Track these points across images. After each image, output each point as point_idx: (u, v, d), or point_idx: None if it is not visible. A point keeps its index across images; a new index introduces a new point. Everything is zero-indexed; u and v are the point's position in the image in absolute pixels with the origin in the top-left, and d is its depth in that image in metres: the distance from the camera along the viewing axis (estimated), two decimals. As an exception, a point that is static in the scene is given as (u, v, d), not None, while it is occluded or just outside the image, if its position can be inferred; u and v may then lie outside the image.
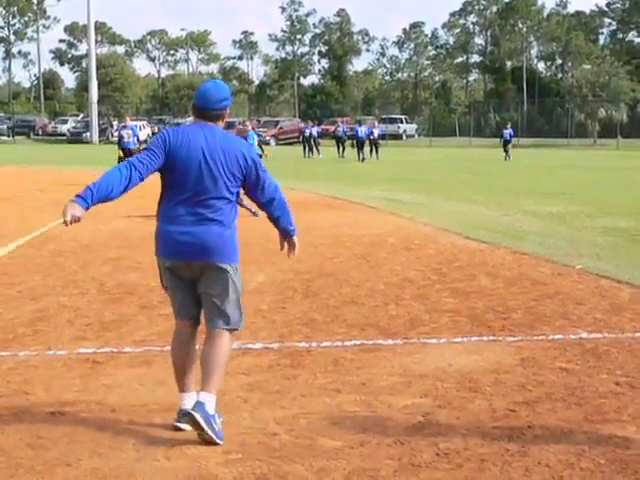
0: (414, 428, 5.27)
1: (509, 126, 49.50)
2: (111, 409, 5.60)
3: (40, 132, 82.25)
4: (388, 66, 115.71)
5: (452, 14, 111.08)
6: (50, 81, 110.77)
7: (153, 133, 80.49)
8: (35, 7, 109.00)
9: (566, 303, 8.94)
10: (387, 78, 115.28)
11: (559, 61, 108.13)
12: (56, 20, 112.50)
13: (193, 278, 5.26)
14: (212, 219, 5.15)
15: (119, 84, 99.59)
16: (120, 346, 7.22)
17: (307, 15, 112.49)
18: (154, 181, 5.38)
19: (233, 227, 5.26)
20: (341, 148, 47.82)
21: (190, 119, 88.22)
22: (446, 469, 4.66)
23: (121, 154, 25.89)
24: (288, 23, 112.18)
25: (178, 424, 5.17)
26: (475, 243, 13.28)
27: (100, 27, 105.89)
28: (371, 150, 45.46)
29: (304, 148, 50.61)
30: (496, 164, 41.46)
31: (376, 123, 51.97)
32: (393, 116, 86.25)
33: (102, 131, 75.77)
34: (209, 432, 4.95)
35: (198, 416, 4.94)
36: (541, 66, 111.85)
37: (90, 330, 7.80)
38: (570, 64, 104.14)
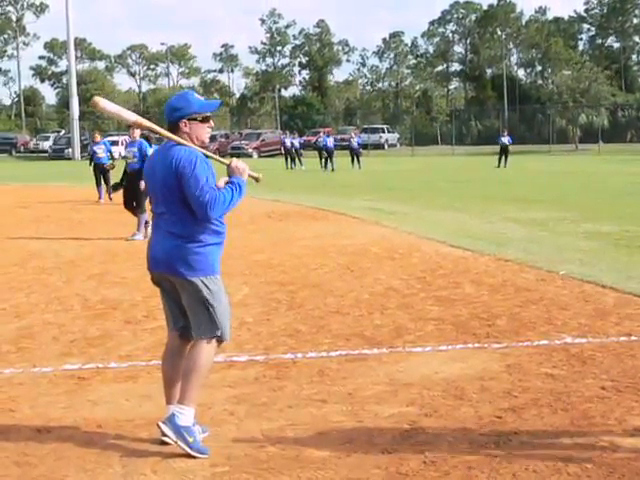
0: (401, 437, 5.28)
1: (506, 133, 48.69)
2: (97, 425, 5.58)
3: (22, 149, 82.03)
4: (369, 76, 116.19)
5: (431, 23, 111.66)
6: (31, 98, 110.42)
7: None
8: (14, 24, 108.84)
9: (550, 309, 8.96)
10: (368, 88, 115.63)
11: (539, 67, 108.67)
12: (36, 37, 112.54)
13: (175, 289, 5.26)
14: (171, 232, 5.14)
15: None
16: (105, 361, 7.20)
17: (287, 27, 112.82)
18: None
19: (197, 240, 5.14)
20: (323, 160, 47.69)
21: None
22: (433, 477, 4.66)
23: (96, 170, 25.95)
24: (268, 35, 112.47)
25: (163, 438, 5.15)
26: (459, 251, 13.30)
27: (80, 43, 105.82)
28: (352, 160, 45.48)
29: (286, 159, 50.54)
30: (478, 172, 41.55)
31: (353, 134, 51.70)
32: (375, 126, 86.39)
33: (84, 147, 75.51)
34: (180, 444, 4.97)
35: (166, 428, 5.01)
36: (521, 73, 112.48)
37: (75, 346, 7.77)
38: (550, 70, 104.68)
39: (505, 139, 46.95)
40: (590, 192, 26.48)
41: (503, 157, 45.70)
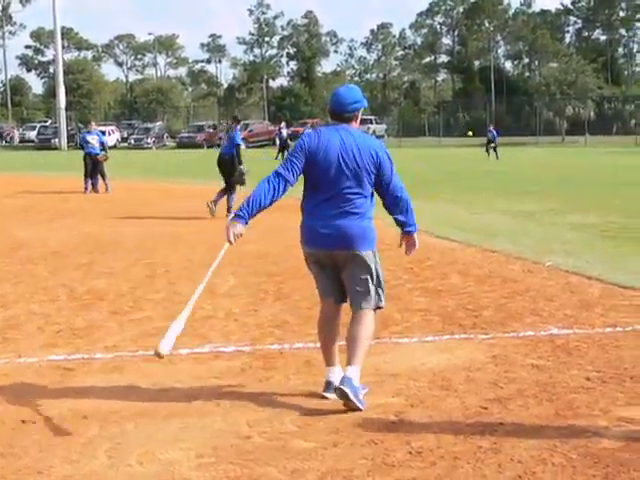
0: (387, 427, 5.28)
1: (492, 127, 49.07)
2: (83, 416, 5.56)
3: (8, 139, 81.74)
4: (357, 67, 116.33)
5: (419, 14, 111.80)
6: (17, 87, 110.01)
7: (123, 138, 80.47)
8: (0, 13, 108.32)
9: (536, 300, 8.98)
10: (356, 79, 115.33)
11: (526, 60, 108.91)
12: (22, 26, 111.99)
13: (336, 264, 5.76)
14: (351, 212, 5.66)
15: (87, 90, 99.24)
16: (91, 352, 7.17)
17: (275, 17, 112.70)
18: (119, 186, 5.36)
19: (370, 218, 5.77)
20: None
21: (159, 124, 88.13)
22: (419, 467, 4.67)
23: (86, 159, 25.55)
24: (256, 26, 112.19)
25: (325, 393, 5.78)
26: (446, 242, 13.32)
27: (67, 32, 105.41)
28: None
29: (279, 150, 50.23)
30: (466, 163, 41.61)
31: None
32: (362, 117, 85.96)
33: (71, 137, 75.35)
34: (356, 403, 5.49)
35: (348, 390, 5.48)
36: (508, 65, 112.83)
37: (61, 337, 7.74)
38: (537, 62, 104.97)
39: (490, 133, 47.21)
40: (576, 184, 26.55)
41: (492, 149, 45.90)
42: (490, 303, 8.87)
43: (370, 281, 5.76)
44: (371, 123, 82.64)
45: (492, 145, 46.54)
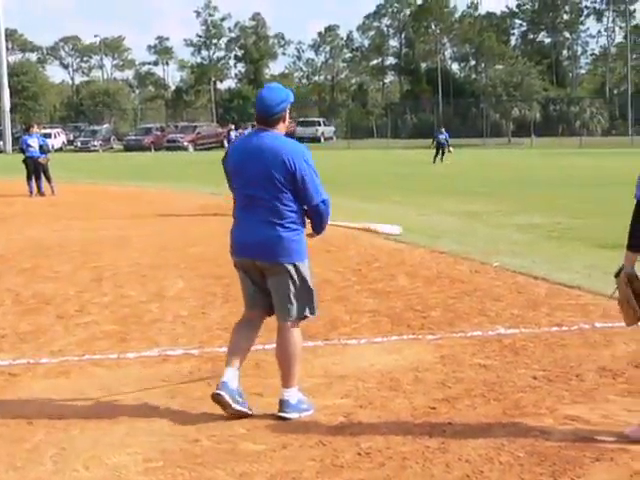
0: (336, 429, 5.28)
1: (443, 130, 46.12)
2: (28, 421, 5.49)
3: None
4: (305, 69, 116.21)
5: (366, 17, 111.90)
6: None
7: (69, 141, 79.73)
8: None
9: (484, 300, 9.05)
10: (304, 81, 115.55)
11: (473, 62, 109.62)
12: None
13: (262, 273, 5.61)
14: (270, 222, 5.46)
15: (32, 92, 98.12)
16: (37, 357, 7.09)
17: (222, 19, 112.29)
18: (65, 189, 5.30)
19: (292, 228, 5.53)
20: None
21: (106, 126, 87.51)
22: (368, 468, 4.67)
23: (27, 163, 25.18)
24: (203, 28, 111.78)
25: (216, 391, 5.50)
26: (394, 243, 13.35)
27: (11, 34, 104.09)
28: None
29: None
30: (414, 165, 41.81)
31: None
32: (311, 119, 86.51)
33: (16, 140, 74.33)
34: (302, 415, 5.50)
35: (287, 415, 5.48)
36: (455, 67, 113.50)
37: (5, 342, 7.64)
38: (483, 65, 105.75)
39: (442, 136, 44.87)
40: (523, 185, 26.79)
41: (440, 153, 43.72)
42: (438, 304, 8.91)
43: (292, 293, 5.57)
44: (319, 125, 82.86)
45: (447, 149, 44.22)
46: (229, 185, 5.88)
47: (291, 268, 5.54)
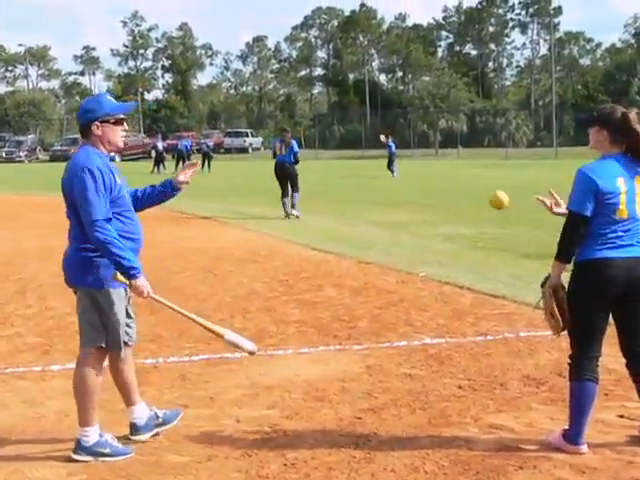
0: (262, 440, 5.27)
1: (391, 140, 42.87)
2: (-52, 436, 5.38)
3: None
4: (232, 80, 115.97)
5: (294, 28, 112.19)
6: None
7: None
8: None
9: (410, 310, 9.11)
10: (232, 92, 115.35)
11: (400, 73, 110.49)
12: None
13: None
14: (71, 242, 5.12)
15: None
16: (-43, 371, 6.96)
17: (149, 30, 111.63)
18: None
19: (87, 250, 4.99)
20: (181, 163, 46.91)
21: (31, 137, 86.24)
22: (294, 479, 4.67)
23: None
24: (130, 38, 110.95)
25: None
26: (321, 254, 13.39)
27: None
28: (203, 164, 44.81)
29: (155, 163, 49.69)
30: (341, 176, 41.92)
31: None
32: (239, 130, 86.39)
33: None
34: (102, 459, 4.98)
35: (79, 457, 4.99)
36: (383, 78, 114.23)
37: None
38: (410, 76, 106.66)
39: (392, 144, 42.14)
40: (450, 195, 27.03)
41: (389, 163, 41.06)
42: (365, 314, 8.95)
43: (83, 319, 5.11)
44: (247, 136, 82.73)
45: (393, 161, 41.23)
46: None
47: (86, 293, 5.11)
